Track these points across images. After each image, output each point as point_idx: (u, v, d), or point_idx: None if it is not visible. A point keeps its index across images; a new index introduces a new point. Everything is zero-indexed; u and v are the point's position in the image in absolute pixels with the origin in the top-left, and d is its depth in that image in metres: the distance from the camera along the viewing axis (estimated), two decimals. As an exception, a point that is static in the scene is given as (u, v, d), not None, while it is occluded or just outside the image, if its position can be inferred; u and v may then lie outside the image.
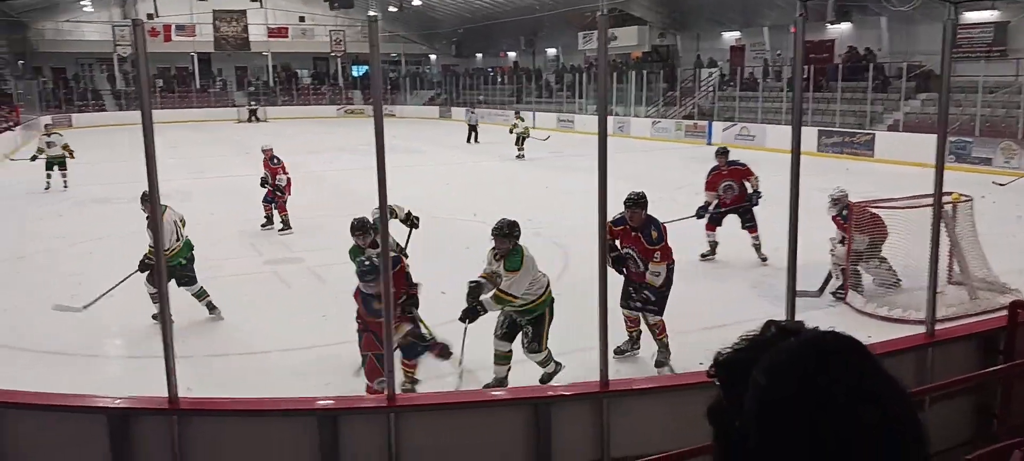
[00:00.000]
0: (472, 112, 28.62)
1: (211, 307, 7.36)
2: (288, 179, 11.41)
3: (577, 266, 8.67)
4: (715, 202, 9.37)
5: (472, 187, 15.86)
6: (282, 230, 11.15)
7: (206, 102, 40.82)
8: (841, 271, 7.81)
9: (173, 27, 38.65)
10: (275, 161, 11.36)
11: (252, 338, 6.85)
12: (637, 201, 6.16)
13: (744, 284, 8.38)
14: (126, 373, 6.29)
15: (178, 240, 7.09)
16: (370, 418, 3.78)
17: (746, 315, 6.99)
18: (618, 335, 6.07)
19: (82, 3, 37.26)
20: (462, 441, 3.80)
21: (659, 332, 6.23)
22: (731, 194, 9.32)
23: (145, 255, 6.98)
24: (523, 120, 23.12)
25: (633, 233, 6.18)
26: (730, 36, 29.74)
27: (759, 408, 0.78)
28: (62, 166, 15.93)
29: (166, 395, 3.51)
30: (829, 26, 24.75)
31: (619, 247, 6.21)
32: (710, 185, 9.43)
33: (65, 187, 15.65)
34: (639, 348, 6.47)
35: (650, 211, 6.28)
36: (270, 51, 42.57)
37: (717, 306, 7.50)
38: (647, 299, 6.16)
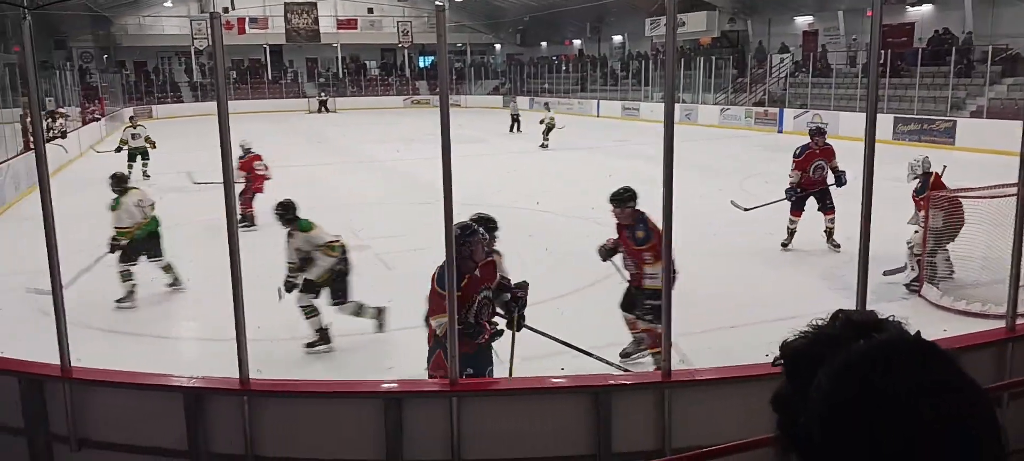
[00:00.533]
0: (513, 101, 28.66)
1: (176, 281, 8.07)
2: (262, 177, 11.58)
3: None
4: (798, 183, 9.08)
5: (535, 176, 15.87)
6: (243, 224, 10.57)
7: (278, 93, 41.93)
8: (916, 261, 7.54)
9: (247, 20, 39.90)
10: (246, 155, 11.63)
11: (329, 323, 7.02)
12: (619, 196, 5.64)
13: (815, 274, 8.17)
14: (202, 355, 6.54)
15: (144, 218, 7.96)
16: (433, 401, 3.84)
17: (817, 307, 6.82)
18: (682, 324, 6.01)
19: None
20: (522, 427, 3.82)
21: (650, 344, 5.69)
22: (820, 173, 9.07)
23: (112, 237, 7.77)
24: (549, 110, 22.94)
25: (624, 231, 5.73)
26: (802, 21, 28.91)
27: (823, 409, 0.78)
28: (145, 156, 16.62)
29: (238, 376, 3.64)
30: (909, 8, 23.81)
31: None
32: (802, 164, 9.14)
33: (145, 177, 16.29)
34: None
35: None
36: (339, 43, 43.35)
37: (787, 297, 7.35)
38: (647, 307, 5.56)
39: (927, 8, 23.69)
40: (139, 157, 16.59)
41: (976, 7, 22.18)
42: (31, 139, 15.17)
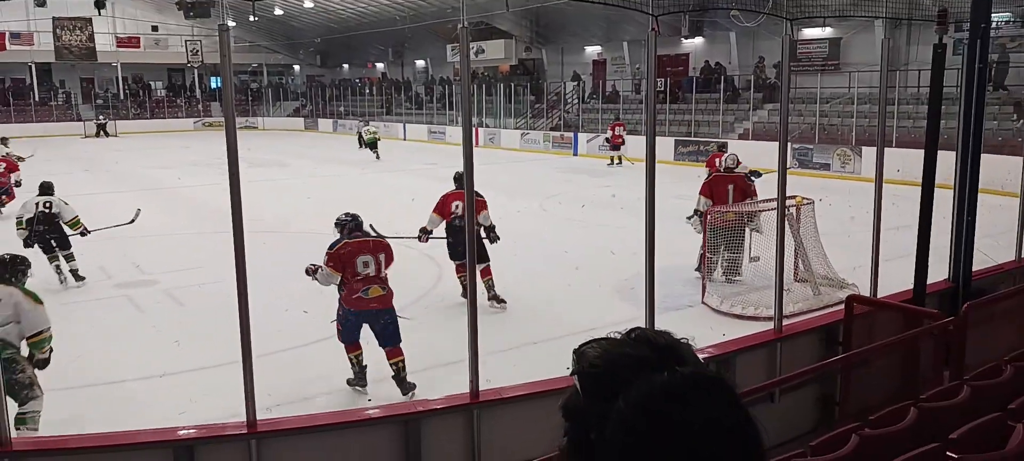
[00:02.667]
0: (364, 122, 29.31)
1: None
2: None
3: (450, 279, 8.64)
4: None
5: (337, 200, 15.48)
6: None
7: (47, 116, 37.74)
8: (700, 259, 8.31)
9: (7, 35, 35.51)
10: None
11: (100, 368, 6.37)
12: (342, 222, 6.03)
13: (608, 288, 8.62)
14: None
15: None
16: (232, 446, 3.60)
17: (612, 318, 7.21)
18: (488, 344, 6.11)
19: None
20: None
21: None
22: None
23: None
24: (369, 125, 23.37)
25: None
26: (592, 50, 30.72)
27: (623, 437, 0.82)
28: None
29: (-5, 437, 3.20)
30: (684, 40, 26.08)
31: None
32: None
33: None
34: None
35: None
36: (119, 61, 39.83)
37: (585, 310, 7.67)
38: None
39: (699, 40, 26.09)
40: None
41: (739, 40, 24.76)
42: None
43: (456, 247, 7.82)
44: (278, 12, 36.12)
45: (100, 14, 32.96)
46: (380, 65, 42.52)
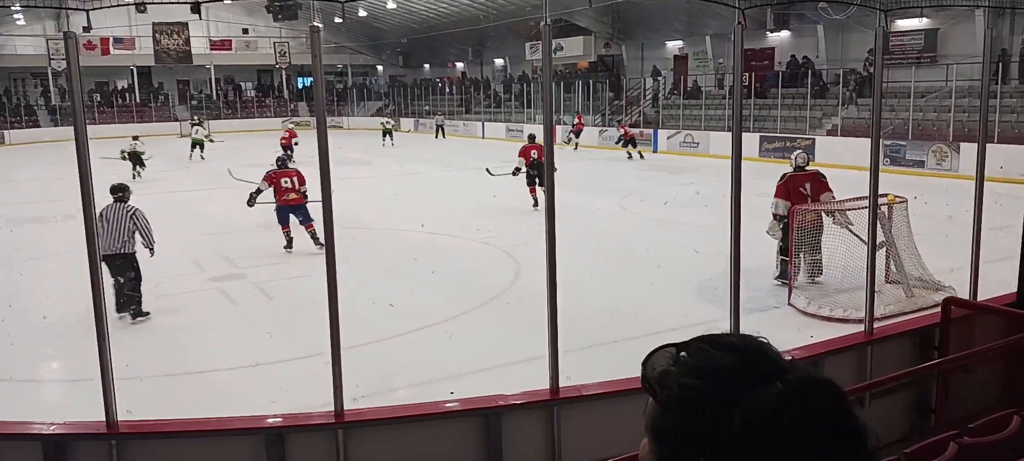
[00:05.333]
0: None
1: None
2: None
3: (528, 275, 8.68)
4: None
5: (418, 198, 15.77)
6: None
7: (147, 116, 39.84)
8: (783, 263, 8.07)
9: (111, 40, 37.65)
10: None
11: (197, 357, 6.68)
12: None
13: (690, 288, 8.48)
14: (65, 398, 6.07)
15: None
16: (319, 435, 3.72)
17: (694, 319, 7.10)
18: (567, 342, 6.12)
19: (15, 17, 35.83)
20: (413, 453, 3.76)
21: None
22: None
23: None
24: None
25: None
26: (673, 45, 30.26)
27: (746, 455, 0.78)
28: None
29: (104, 419, 3.40)
30: (769, 34, 25.39)
31: None
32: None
33: None
34: None
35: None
36: (213, 63, 41.71)
37: (666, 310, 7.57)
38: None
39: (784, 34, 25.35)
40: None
41: (827, 33, 23.93)
42: None
43: (533, 176, 13.33)
44: (362, 13, 36.95)
45: (200, 18, 34.56)
46: (460, 64, 43.02)
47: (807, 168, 8.75)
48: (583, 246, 9.84)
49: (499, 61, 40.19)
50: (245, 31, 41.81)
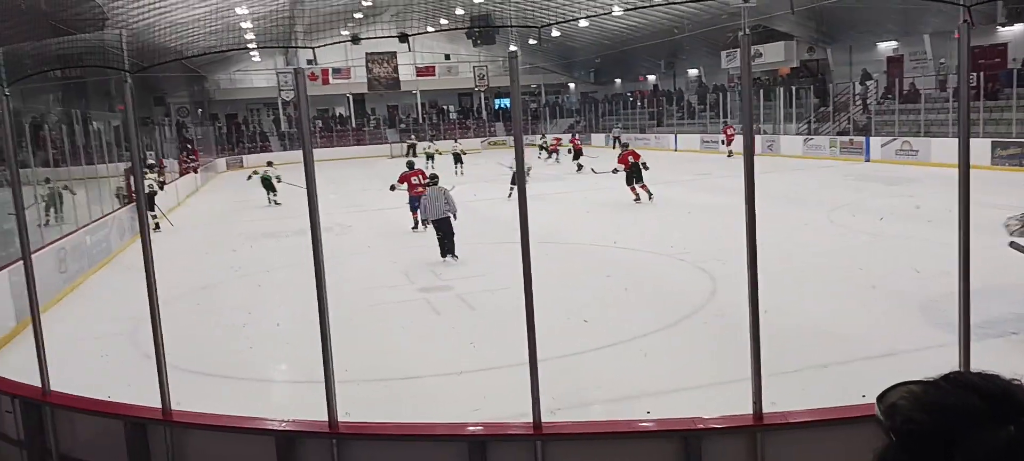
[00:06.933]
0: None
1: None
2: None
3: (725, 292, 8.38)
4: None
5: (612, 213, 15.75)
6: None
7: (361, 139, 43.41)
8: None
9: (330, 71, 41.54)
10: None
11: (405, 363, 7.11)
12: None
13: (912, 307, 7.75)
14: (295, 397, 6.71)
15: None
16: (518, 445, 3.81)
17: (913, 343, 6.49)
18: (771, 364, 5.83)
19: (252, 54, 40.73)
20: (609, 471, 3.75)
21: None
22: None
23: None
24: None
25: None
26: (886, 47, 28.02)
27: None
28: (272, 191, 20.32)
29: (327, 419, 3.70)
30: (1000, 30, 22.77)
31: None
32: None
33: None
34: None
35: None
36: (419, 89, 44.74)
37: (881, 331, 6.99)
38: None
39: (1019, 28, 22.61)
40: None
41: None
42: (133, 191, 15.99)
43: (630, 178, 16.47)
44: (556, 34, 37.73)
45: (408, 48, 37.12)
46: (651, 77, 42.60)
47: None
48: (787, 262, 9.34)
49: (693, 71, 39.31)
50: (447, 57, 44.45)
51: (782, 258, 9.31)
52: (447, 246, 11.28)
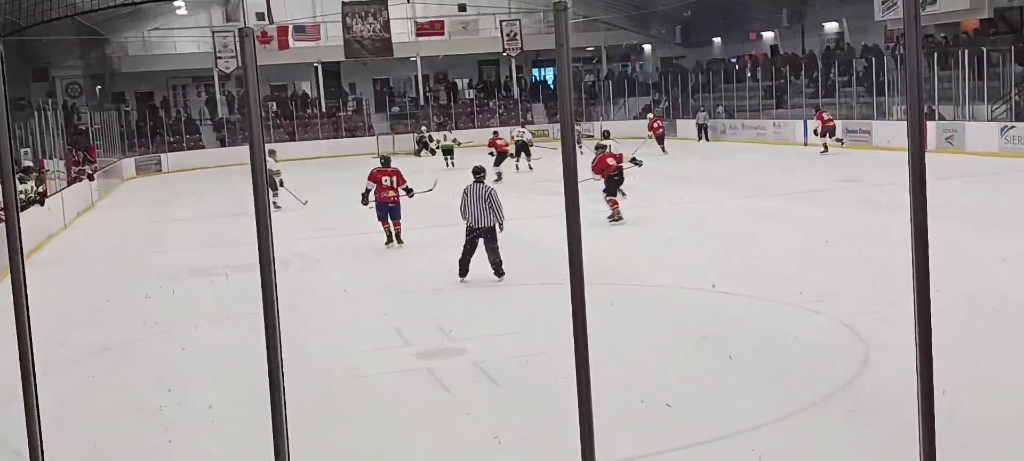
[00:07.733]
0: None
1: None
2: None
3: (883, 359, 8.27)
4: None
5: (711, 241, 15.66)
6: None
7: (334, 131, 43.60)
8: None
9: (290, 30, 40.98)
10: None
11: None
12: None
13: None
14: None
15: None
16: None
17: None
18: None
19: (176, 6, 40.35)
20: None
21: None
22: None
23: None
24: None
25: None
26: None
27: None
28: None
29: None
30: None
31: None
32: None
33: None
34: None
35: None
36: (419, 55, 44.37)
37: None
38: None
39: None
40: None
41: None
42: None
43: (610, 188, 17.98)
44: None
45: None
46: (768, 35, 42.43)
47: None
48: (980, 316, 9.22)
49: (830, 26, 39.13)
50: (462, 8, 43.82)
51: (972, 311, 9.15)
52: (493, 262, 12.51)
